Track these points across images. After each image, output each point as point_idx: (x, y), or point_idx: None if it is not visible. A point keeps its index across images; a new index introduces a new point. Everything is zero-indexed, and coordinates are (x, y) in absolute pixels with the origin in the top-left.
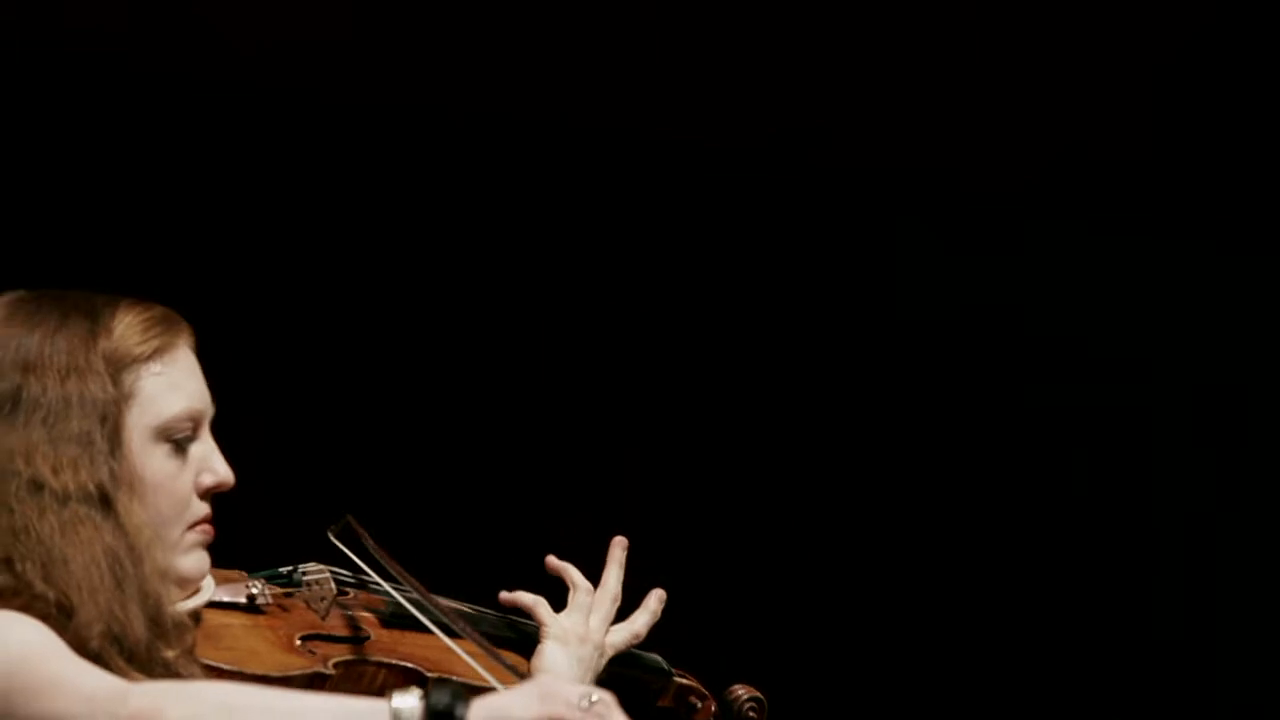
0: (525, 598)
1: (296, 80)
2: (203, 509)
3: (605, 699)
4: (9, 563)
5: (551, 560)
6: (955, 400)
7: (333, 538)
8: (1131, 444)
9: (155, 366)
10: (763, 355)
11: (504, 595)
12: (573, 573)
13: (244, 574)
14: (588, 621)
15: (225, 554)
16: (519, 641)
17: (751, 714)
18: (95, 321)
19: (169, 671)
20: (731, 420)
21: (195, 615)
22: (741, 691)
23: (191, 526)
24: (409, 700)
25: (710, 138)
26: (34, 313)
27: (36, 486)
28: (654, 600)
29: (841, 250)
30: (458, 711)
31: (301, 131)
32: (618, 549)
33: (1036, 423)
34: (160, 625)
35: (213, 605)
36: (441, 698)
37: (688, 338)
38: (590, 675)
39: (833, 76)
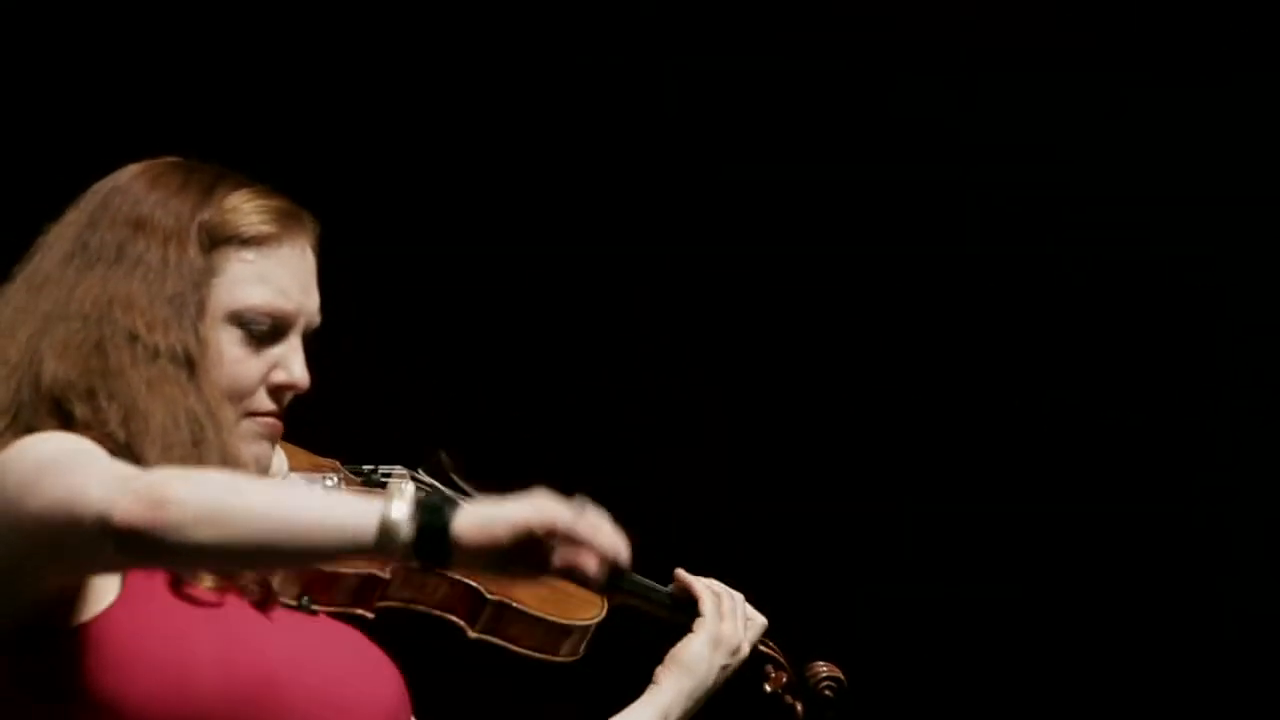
0: (699, 585)
1: None
2: (265, 401)
3: (596, 514)
4: (92, 395)
5: (681, 575)
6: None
7: (422, 472)
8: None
9: (249, 253)
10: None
11: (681, 573)
12: (714, 584)
13: (337, 464)
14: (740, 631)
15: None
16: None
17: (827, 693)
18: (209, 194)
19: None
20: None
21: None
22: (822, 668)
23: (250, 415)
24: (400, 507)
25: None
26: (162, 175)
27: (132, 337)
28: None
29: None
30: (447, 515)
31: None
32: (688, 576)
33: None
34: None
35: None
36: (432, 501)
37: None
38: (716, 685)
39: None
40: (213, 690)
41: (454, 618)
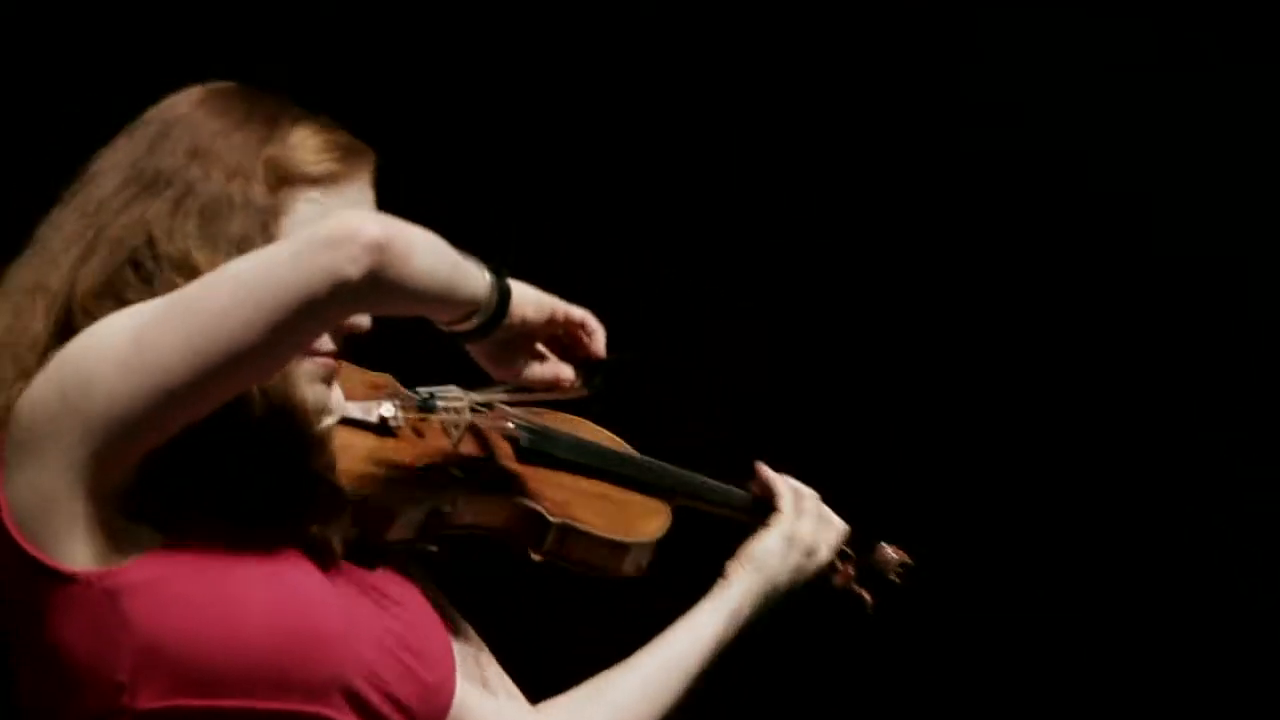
0: (778, 481)
1: None
2: (325, 341)
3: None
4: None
5: (761, 469)
6: None
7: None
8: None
9: (314, 192)
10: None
11: (762, 467)
12: (792, 482)
13: (391, 378)
14: (818, 533)
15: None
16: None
17: (895, 579)
18: (273, 128)
19: None
20: None
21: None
22: (891, 554)
23: (309, 354)
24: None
25: None
26: (224, 102)
27: (191, 271)
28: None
29: None
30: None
31: None
32: (768, 471)
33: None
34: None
35: (343, 421)
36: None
37: None
38: (790, 586)
39: None
40: (257, 639)
41: (516, 540)
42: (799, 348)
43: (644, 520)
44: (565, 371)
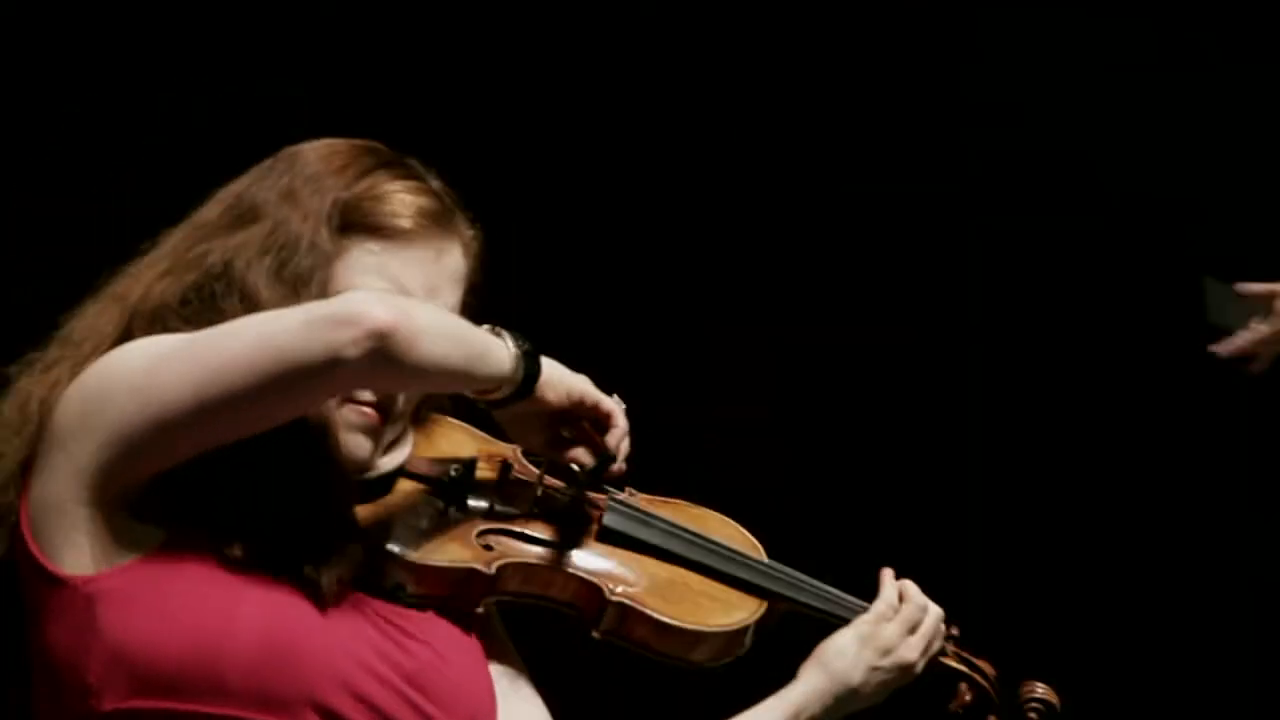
0: (889, 584)
1: None
2: (366, 393)
3: None
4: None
5: (883, 572)
6: None
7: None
8: None
9: (374, 244)
10: None
11: (887, 571)
12: (908, 589)
13: (515, 450)
14: (905, 636)
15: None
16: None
17: (1032, 715)
18: (361, 177)
19: None
20: None
21: (384, 480)
22: (1039, 689)
23: (348, 401)
24: (516, 352)
25: None
26: (336, 152)
27: (254, 307)
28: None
29: None
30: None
31: None
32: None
33: None
34: None
35: (407, 474)
36: (531, 350)
37: None
38: (867, 685)
39: None
40: (226, 649)
41: (577, 614)
42: (799, 349)
43: (722, 611)
44: (583, 457)
